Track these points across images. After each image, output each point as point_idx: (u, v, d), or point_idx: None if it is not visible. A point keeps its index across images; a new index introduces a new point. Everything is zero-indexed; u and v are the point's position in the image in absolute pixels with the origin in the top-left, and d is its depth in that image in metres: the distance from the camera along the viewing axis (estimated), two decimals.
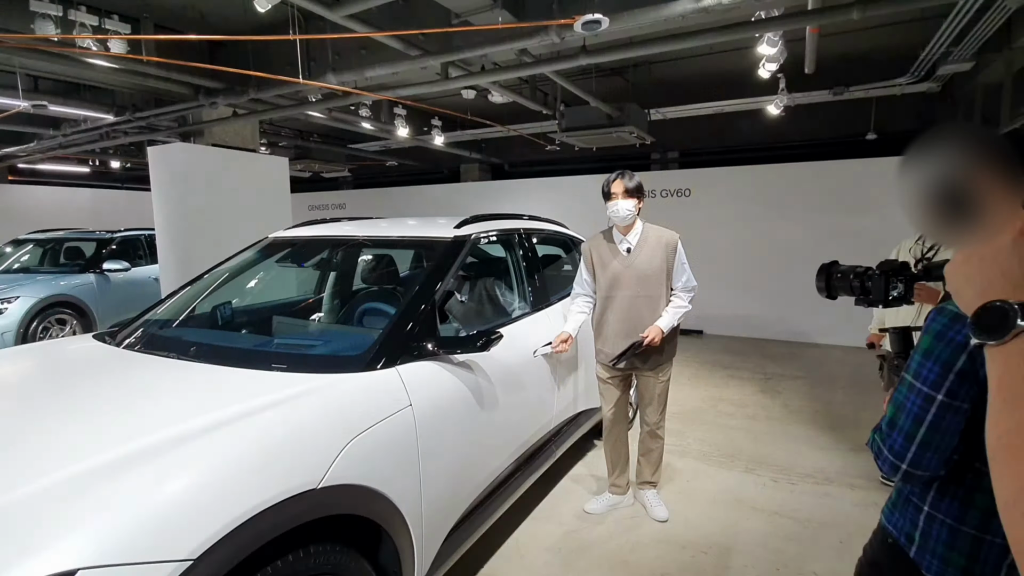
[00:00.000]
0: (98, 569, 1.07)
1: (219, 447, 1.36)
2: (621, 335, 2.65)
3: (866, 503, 2.97)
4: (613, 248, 2.68)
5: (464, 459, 2.03)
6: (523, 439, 2.49)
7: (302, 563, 1.40)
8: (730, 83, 6.86)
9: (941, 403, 0.84)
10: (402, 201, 10.50)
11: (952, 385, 0.83)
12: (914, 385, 0.87)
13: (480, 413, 2.11)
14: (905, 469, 0.90)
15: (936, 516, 0.92)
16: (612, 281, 2.66)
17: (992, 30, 4.30)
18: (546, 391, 2.70)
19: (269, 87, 5.00)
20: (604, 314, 2.71)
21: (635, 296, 2.63)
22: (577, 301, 2.79)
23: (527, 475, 2.52)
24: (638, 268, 2.62)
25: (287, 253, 2.77)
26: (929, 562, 0.93)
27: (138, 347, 2.13)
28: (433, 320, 2.03)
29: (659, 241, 2.64)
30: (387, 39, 3.96)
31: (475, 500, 2.12)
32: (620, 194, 2.58)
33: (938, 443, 0.86)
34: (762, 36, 4.30)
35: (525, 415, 2.52)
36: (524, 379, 2.49)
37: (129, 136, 7.32)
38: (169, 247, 5.87)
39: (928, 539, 0.93)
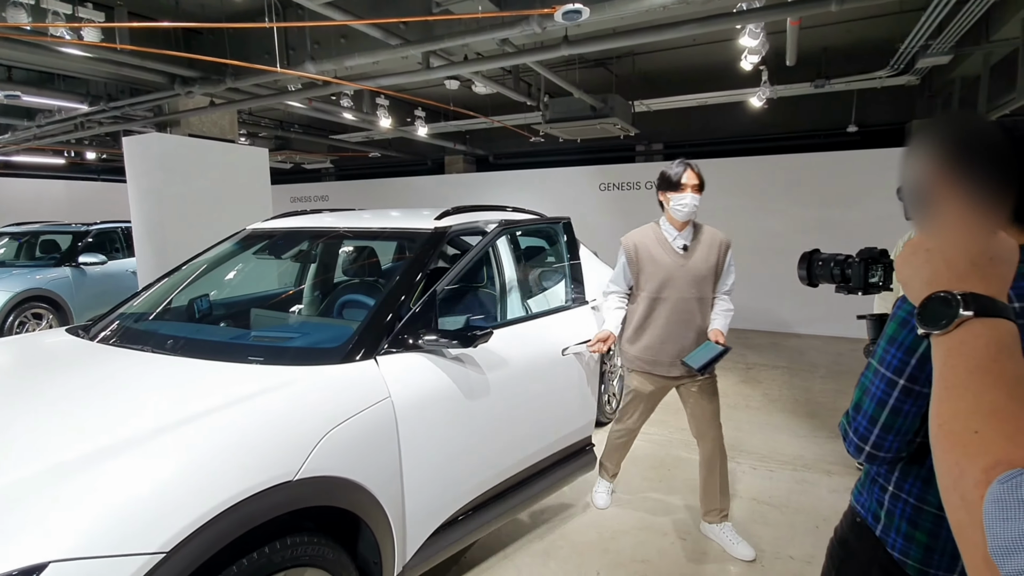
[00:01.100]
0: (69, 562, 1.06)
1: (192, 440, 1.35)
2: (669, 340, 2.42)
3: (841, 488, 3.03)
4: (665, 245, 2.43)
5: (452, 459, 1.96)
6: (524, 453, 2.31)
7: (279, 554, 1.40)
8: (713, 75, 6.88)
9: (903, 388, 0.86)
10: (386, 193, 10.42)
11: (913, 370, 0.85)
12: (878, 370, 0.89)
13: (470, 414, 2.02)
14: (868, 451, 0.92)
15: (900, 496, 0.95)
16: (664, 281, 2.40)
17: (970, 23, 4.36)
18: (552, 404, 2.46)
19: (246, 76, 4.91)
20: (648, 317, 2.45)
21: (688, 298, 2.40)
22: (612, 298, 2.56)
23: (529, 495, 2.34)
24: (693, 268, 2.40)
25: (265, 245, 2.74)
26: (894, 540, 0.95)
27: (112, 341, 2.09)
28: (422, 311, 1.93)
29: (714, 239, 2.45)
30: (366, 27, 3.91)
31: (467, 505, 2.05)
32: (691, 187, 2.34)
33: (900, 426, 0.88)
34: (744, 28, 4.31)
35: (526, 426, 2.32)
36: (525, 386, 2.30)
37: (104, 126, 7.15)
38: (146, 240, 5.76)
39: (892, 518, 0.96)
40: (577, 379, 2.57)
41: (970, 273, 0.58)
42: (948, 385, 0.55)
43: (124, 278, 6.67)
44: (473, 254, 2.32)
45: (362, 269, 2.96)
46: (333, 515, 1.60)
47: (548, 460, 2.45)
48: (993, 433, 0.49)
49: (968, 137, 0.57)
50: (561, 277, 2.91)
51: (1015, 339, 0.54)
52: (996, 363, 0.53)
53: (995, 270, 0.58)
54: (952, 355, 0.56)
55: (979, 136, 0.57)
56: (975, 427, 0.51)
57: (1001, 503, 0.45)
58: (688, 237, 2.43)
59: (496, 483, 2.19)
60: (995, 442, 0.49)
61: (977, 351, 0.54)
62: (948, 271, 0.59)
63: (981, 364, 0.54)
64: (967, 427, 0.51)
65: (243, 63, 4.39)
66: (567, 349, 2.44)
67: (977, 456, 0.49)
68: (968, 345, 0.55)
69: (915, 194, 0.61)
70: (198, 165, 5.72)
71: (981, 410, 0.51)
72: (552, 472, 2.47)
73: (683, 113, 8.01)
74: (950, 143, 0.57)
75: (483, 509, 2.14)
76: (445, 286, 2.08)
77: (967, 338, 0.55)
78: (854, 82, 6.19)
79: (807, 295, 6.79)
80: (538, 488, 2.39)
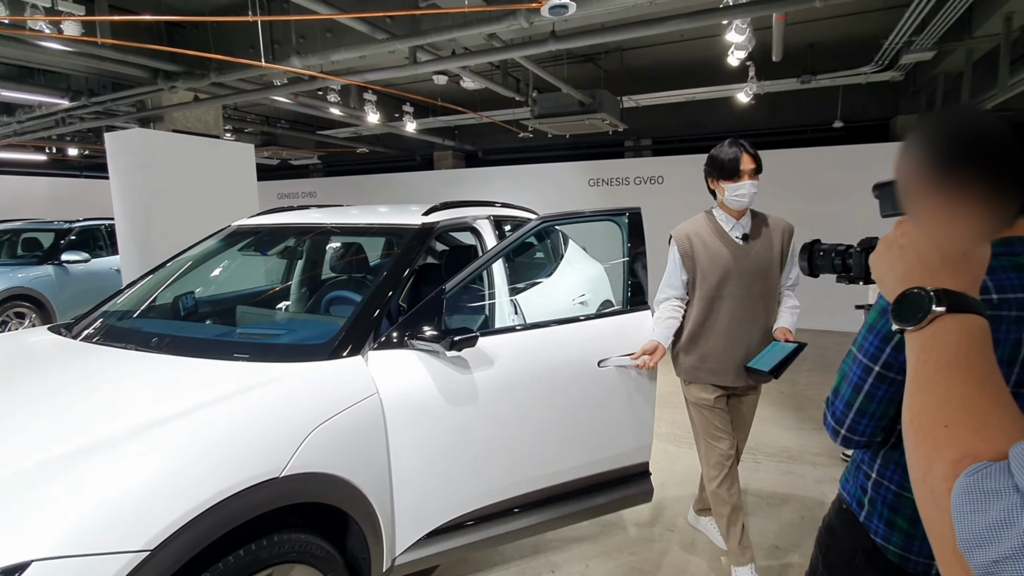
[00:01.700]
0: (52, 560, 1.06)
1: (176, 438, 1.34)
2: (734, 345, 2.14)
3: (827, 479, 3.08)
4: (723, 236, 2.16)
5: (448, 462, 1.89)
6: (544, 470, 2.10)
7: (266, 551, 1.39)
8: (701, 71, 6.92)
9: (877, 374, 0.88)
10: (374, 189, 10.36)
11: (888, 358, 0.87)
12: (856, 356, 0.92)
13: (469, 419, 1.91)
14: (844, 434, 0.95)
15: (882, 483, 0.97)
16: (723, 277, 2.13)
17: (952, 20, 4.42)
18: (585, 421, 2.17)
19: (231, 71, 4.85)
20: (707, 319, 2.17)
21: (751, 295, 2.13)
22: (666, 305, 2.22)
23: (555, 516, 2.12)
24: (756, 259, 2.13)
25: (251, 241, 2.72)
26: (876, 526, 0.97)
27: (96, 339, 2.07)
28: (422, 308, 1.88)
29: (776, 225, 2.19)
30: (352, 22, 3.88)
31: (470, 514, 1.96)
32: (749, 173, 2.07)
33: (873, 411, 0.90)
34: (730, 23, 4.34)
35: (547, 442, 2.10)
36: (544, 398, 2.08)
37: (86, 122, 7.04)
38: (129, 237, 5.69)
39: (875, 504, 0.97)
40: (624, 395, 2.21)
41: (942, 269, 0.58)
42: (920, 380, 0.56)
43: (108, 276, 6.58)
44: (500, 249, 2.14)
45: (349, 265, 2.94)
46: (323, 511, 1.59)
47: (581, 482, 2.17)
48: (962, 427, 0.50)
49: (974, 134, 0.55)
50: (609, 278, 2.67)
51: (986, 335, 0.55)
52: (967, 358, 0.54)
53: (967, 266, 0.59)
54: (924, 351, 0.56)
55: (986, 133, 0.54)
56: (945, 421, 0.51)
57: (968, 495, 0.45)
58: (747, 225, 2.17)
59: (507, 497, 2.03)
60: (963, 436, 0.49)
61: (948, 347, 0.54)
62: (921, 267, 0.59)
63: (952, 360, 0.54)
64: (937, 421, 0.52)
65: (227, 57, 4.33)
66: (605, 361, 2.14)
67: (946, 449, 0.50)
68: (940, 341, 0.55)
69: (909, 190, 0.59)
70: (182, 161, 5.65)
71: (951, 405, 0.52)
72: (588, 497, 2.18)
73: (671, 108, 8.04)
74: (954, 140, 0.55)
75: (492, 521, 2.00)
76: (458, 283, 1.97)
77: (939, 334, 0.55)
78: (839, 78, 6.25)
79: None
80: (567, 511, 2.14)
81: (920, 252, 0.60)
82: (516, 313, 2.70)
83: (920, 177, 0.56)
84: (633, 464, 2.28)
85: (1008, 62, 4.95)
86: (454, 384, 1.88)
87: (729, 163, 2.07)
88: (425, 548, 1.88)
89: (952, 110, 0.68)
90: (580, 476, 2.16)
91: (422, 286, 2.98)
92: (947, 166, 0.54)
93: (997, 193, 0.52)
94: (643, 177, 8.00)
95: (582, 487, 2.18)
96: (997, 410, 0.50)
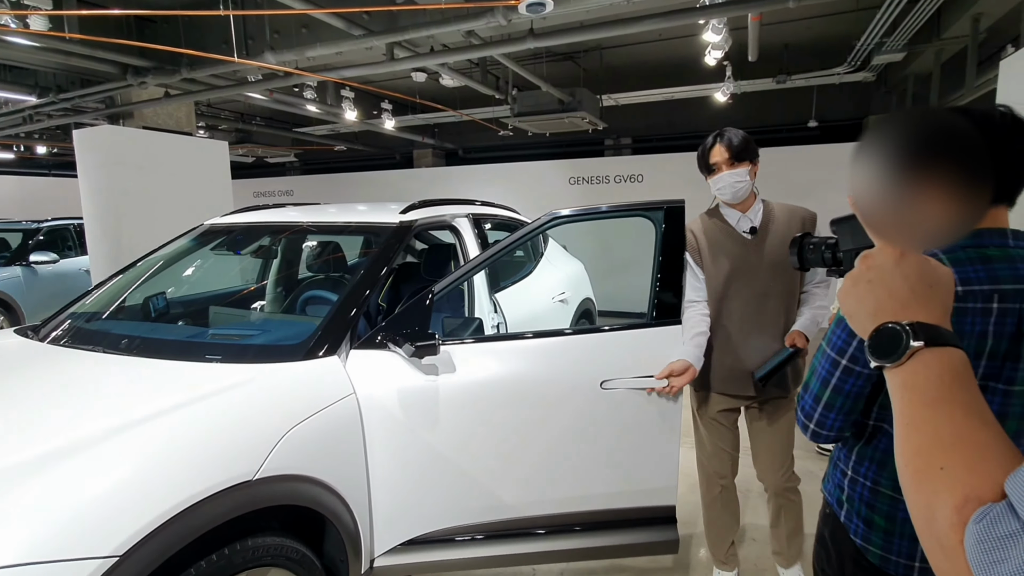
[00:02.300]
0: (18, 568, 1.03)
1: (146, 441, 1.31)
2: (745, 349, 1.94)
3: (801, 471, 3.10)
4: (727, 229, 1.96)
5: (427, 468, 1.82)
6: (542, 496, 1.93)
7: (240, 555, 1.37)
8: (680, 70, 6.99)
9: (844, 367, 0.88)
10: (353, 187, 10.25)
11: (855, 351, 0.87)
12: (825, 351, 0.92)
13: (447, 429, 1.82)
14: (812, 428, 0.95)
15: (857, 479, 0.96)
16: (730, 275, 1.94)
17: (922, 21, 4.53)
18: (591, 452, 1.92)
19: (202, 66, 4.75)
20: (716, 322, 1.96)
21: (766, 294, 1.91)
22: (692, 314, 1.94)
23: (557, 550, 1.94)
24: (768, 254, 1.90)
25: (224, 240, 2.66)
26: (856, 525, 0.96)
27: (63, 341, 2.01)
28: (407, 310, 1.83)
29: (793, 215, 1.94)
30: (328, 17, 3.82)
31: (449, 529, 1.88)
32: (723, 163, 1.89)
33: (840, 405, 0.91)
34: (707, 23, 4.38)
35: (547, 466, 1.92)
36: (520, 415, 1.88)
37: (54, 119, 6.85)
38: (99, 237, 5.53)
39: (853, 502, 0.96)
40: (636, 425, 1.90)
41: (913, 301, 0.57)
42: (907, 421, 0.54)
43: (77, 277, 6.40)
44: (502, 248, 1.97)
45: (326, 265, 2.90)
46: (301, 514, 1.57)
47: (588, 517, 1.95)
48: (958, 468, 0.49)
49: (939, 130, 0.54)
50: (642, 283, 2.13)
51: (966, 366, 0.54)
52: (951, 392, 0.53)
53: (935, 296, 0.58)
54: (907, 389, 0.55)
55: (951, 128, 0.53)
56: (940, 463, 0.50)
57: (983, 545, 0.43)
58: (756, 218, 1.95)
59: (499, 518, 1.90)
60: (961, 477, 0.48)
61: (931, 382, 0.54)
62: (891, 301, 0.58)
63: (938, 396, 0.53)
64: (931, 464, 0.50)
65: (199, 52, 4.24)
66: (608, 382, 1.82)
67: (946, 494, 0.48)
68: (922, 376, 0.54)
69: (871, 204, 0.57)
70: (153, 159, 5.51)
71: (943, 444, 0.50)
72: (589, 536, 1.95)
73: (650, 107, 8.11)
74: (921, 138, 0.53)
75: (473, 543, 1.89)
76: (450, 284, 1.91)
77: (919, 369, 0.54)
78: (813, 78, 6.37)
79: None
80: (561, 547, 1.93)
81: (889, 285, 0.59)
82: (496, 312, 2.70)
83: (885, 185, 0.54)
84: (651, 506, 1.95)
85: (975, 63, 5.10)
86: (433, 391, 1.80)
87: (703, 158, 1.96)
88: (403, 555, 1.84)
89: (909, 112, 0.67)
90: (577, 510, 1.94)
91: (401, 285, 2.96)
92: (916, 165, 0.52)
93: (967, 187, 0.51)
94: (623, 175, 8.05)
95: (581, 522, 1.95)
96: (990, 443, 0.49)
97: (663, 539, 1.96)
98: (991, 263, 0.83)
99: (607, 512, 1.97)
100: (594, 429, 1.92)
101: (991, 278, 0.83)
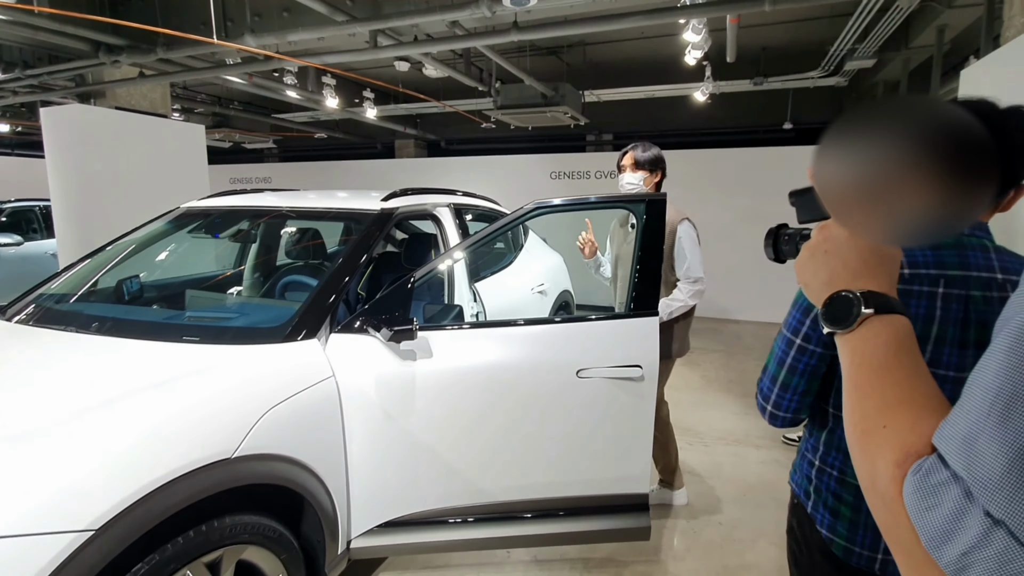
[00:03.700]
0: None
1: (122, 418, 1.31)
2: None
3: (767, 460, 3.25)
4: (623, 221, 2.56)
5: (404, 452, 1.85)
6: (513, 481, 1.97)
7: (217, 532, 1.38)
8: (661, 69, 7.08)
9: (798, 346, 0.92)
10: (333, 176, 10.12)
11: (808, 330, 0.91)
12: (782, 331, 0.96)
13: (424, 413, 1.85)
14: (770, 410, 0.98)
15: (825, 469, 0.96)
16: (616, 258, 2.58)
17: (891, 30, 4.68)
18: (564, 436, 1.98)
19: (179, 46, 4.64)
20: None
21: None
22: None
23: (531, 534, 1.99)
24: None
25: (201, 224, 2.63)
26: (822, 516, 0.96)
27: (33, 321, 1.97)
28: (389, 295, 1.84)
29: (672, 220, 2.38)
30: (311, 2, 3.78)
31: (427, 511, 1.91)
32: (629, 167, 2.48)
33: (795, 384, 0.94)
34: (687, 23, 4.46)
35: (519, 451, 1.96)
36: (513, 403, 1.92)
37: (19, 96, 6.59)
38: (67, 220, 5.36)
39: (820, 493, 0.97)
40: (610, 413, 1.95)
41: (864, 272, 0.61)
42: (856, 385, 0.57)
43: (43, 260, 6.20)
44: (482, 236, 2.03)
45: (305, 251, 2.88)
46: (279, 493, 1.58)
47: (553, 503, 2.00)
48: (899, 425, 0.51)
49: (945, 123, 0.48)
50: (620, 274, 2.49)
51: (910, 333, 0.58)
52: (897, 358, 0.55)
53: (884, 268, 0.62)
54: (856, 354, 0.58)
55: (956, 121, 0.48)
56: (884, 423, 0.52)
57: (919, 494, 0.45)
58: None
59: (474, 502, 1.94)
60: (902, 434, 0.50)
61: (879, 348, 0.56)
62: (844, 271, 0.61)
63: (884, 362, 0.56)
64: (877, 424, 0.52)
65: (175, 32, 4.15)
66: (584, 371, 1.89)
67: (887, 450, 0.50)
68: (871, 343, 0.57)
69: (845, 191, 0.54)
70: (126, 141, 5.36)
71: (889, 406, 0.53)
72: (563, 521, 2.00)
73: (632, 105, 8.19)
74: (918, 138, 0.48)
75: (451, 526, 1.93)
76: (430, 270, 1.96)
77: (869, 335, 0.57)
78: (789, 81, 6.52)
79: (744, 283, 7.18)
80: (536, 531, 1.98)
81: (843, 256, 0.62)
82: (476, 301, 2.72)
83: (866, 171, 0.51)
84: (624, 493, 2.01)
85: (940, 73, 5.29)
86: (410, 376, 1.83)
87: (620, 158, 2.53)
88: (380, 537, 1.87)
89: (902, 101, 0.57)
90: (551, 496, 1.99)
91: (381, 275, 2.97)
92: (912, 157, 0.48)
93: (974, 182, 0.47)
94: (604, 171, 8.12)
95: (555, 508, 2.00)
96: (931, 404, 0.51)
97: (635, 526, 2.00)
98: (940, 249, 0.87)
99: (581, 499, 2.01)
100: (569, 416, 1.96)
101: (938, 263, 0.86)
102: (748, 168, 7.33)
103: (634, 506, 2.02)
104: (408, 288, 1.86)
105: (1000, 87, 2.74)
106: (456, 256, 2.29)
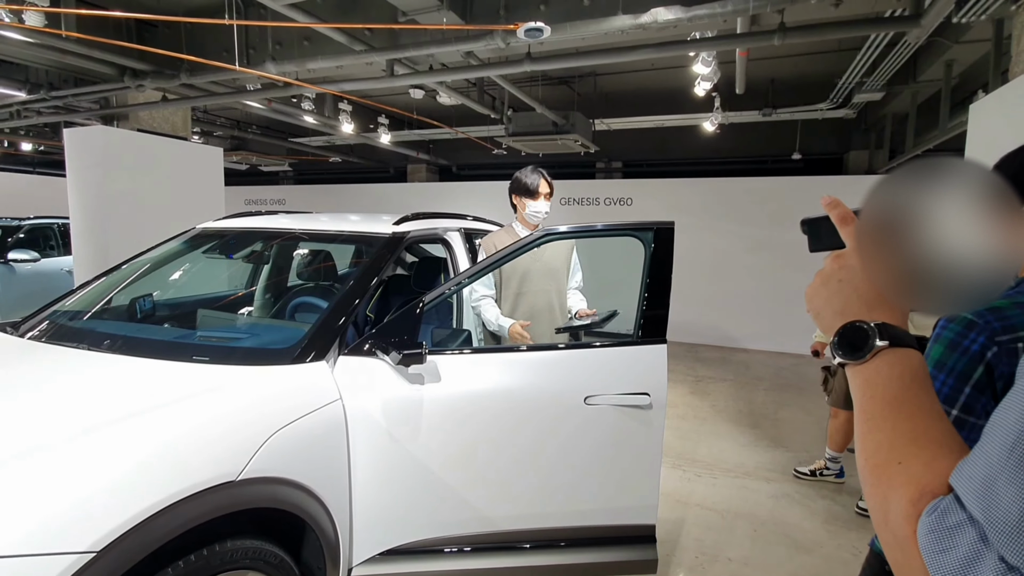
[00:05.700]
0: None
1: (127, 438, 1.31)
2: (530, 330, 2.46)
3: (778, 494, 3.18)
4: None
5: (410, 478, 1.82)
6: (522, 510, 1.92)
7: (218, 556, 1.36)
8: (670, 99, 7.18)
9: (956, 419, 0.79)
10: (346, 199, 10.27)
11: (968, 399, 0.79)
12: None
13: (431, 439, 1.82)
14: None
15: None
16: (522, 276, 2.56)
17: (899, 65, 4.74)
18: (572, 466, 1.94)
19: (203, 72, 4.78)
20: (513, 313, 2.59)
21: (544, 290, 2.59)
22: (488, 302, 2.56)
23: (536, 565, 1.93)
24: (544, 263, 2.58)
25: (216, 244, 2.67)
26: None
27: (45, 338, 1.99)
28: (398, 318, 1.84)
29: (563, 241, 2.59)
30: (331, 32, 3.90)
31: (430, 540, 1.87)
32: (545, 195, 2.56)
33: None
34: (697, 56, 4.54)
35: (528, 480, 1.92)
36: (523, 431, 1.89)
37: (43, 116, 6.81)
38: (85, 238, 5.47)
39: None
40: (618, 442, 1.93)
41: (878, 304, 0.60)
42: (868, 417, 0.56)
43: (58, 277, 6.31)
44: (491, 262, 2.03)
45: (317, 272, 2.91)
46: (280, 518, 1.56)
47: (569, 533, 1.96)
48: (914, 462, 0.50)
49: None
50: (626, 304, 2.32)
51: (924, 367, 0.57)
52: (910, 391, 0.54)
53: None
54: (870, 386, 0.57)
55: None
56: (898, 459, 0.51)
57: (933, 535, 0.44)
58: None
59: (478, 531, 1.90)
60: (917, 471, 0.49)
61: (892, 381, 0.55)
62: (858, 301, 0.60)
63: (898, 395, 0.55)
64: (890, 459, 0.51)
65: (200, 59, 4.28)
66: (592, 398, 1.86)
67: (902, 488, 0.49)
68: (884, 375, 0.56)
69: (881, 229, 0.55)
70: (146, 162, 5.50)
71: (901, 440, 0.52)
72: (577, 551, 1.95)
73: (641, 133, 8.30)
74: None
75: (455, 556, 1.89)
76: (439, 295, 1.96)
77: (883, 367, 0.56)
78: (797, 112, 6.59)
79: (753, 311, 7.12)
80: (542, 562, 1.94)
81: (858, 286, 0.61)
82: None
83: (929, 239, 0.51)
84: (632, 524, 1.97)
85: (948, 106, 5.33)
86: (418, 400, 1.81)
87: (532, 185, 2.54)
88: (381, 565, 1.83)
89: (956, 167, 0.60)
90: (558, 526, 1.95)
91: (390, 297, 2.98)
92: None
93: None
94: (613, 198, 8.18)
95: (561, 539, 1.96)
96: (945, 440, 0.51)
97: (642, 558, 1.95)
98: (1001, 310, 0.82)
99: (588, 529, 1.96)
100: (577, 444, 1.92)
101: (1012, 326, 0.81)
102: (757, 197, 7.36)
103: (641, 537, 1.97)
104: (418, 312, 1.86)
105: (1009, 121, 2.75)
106: (466, 280, 2.30)
